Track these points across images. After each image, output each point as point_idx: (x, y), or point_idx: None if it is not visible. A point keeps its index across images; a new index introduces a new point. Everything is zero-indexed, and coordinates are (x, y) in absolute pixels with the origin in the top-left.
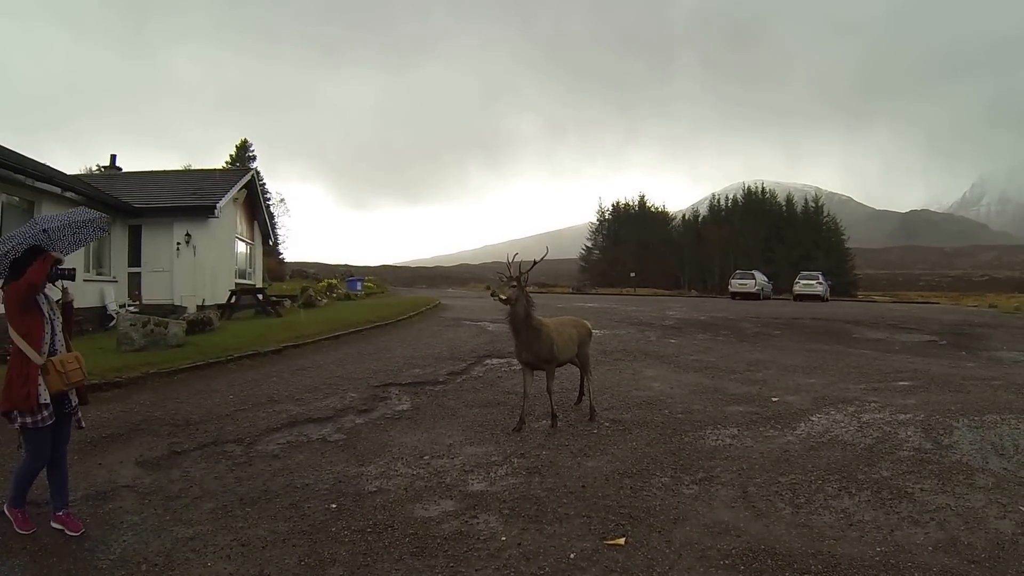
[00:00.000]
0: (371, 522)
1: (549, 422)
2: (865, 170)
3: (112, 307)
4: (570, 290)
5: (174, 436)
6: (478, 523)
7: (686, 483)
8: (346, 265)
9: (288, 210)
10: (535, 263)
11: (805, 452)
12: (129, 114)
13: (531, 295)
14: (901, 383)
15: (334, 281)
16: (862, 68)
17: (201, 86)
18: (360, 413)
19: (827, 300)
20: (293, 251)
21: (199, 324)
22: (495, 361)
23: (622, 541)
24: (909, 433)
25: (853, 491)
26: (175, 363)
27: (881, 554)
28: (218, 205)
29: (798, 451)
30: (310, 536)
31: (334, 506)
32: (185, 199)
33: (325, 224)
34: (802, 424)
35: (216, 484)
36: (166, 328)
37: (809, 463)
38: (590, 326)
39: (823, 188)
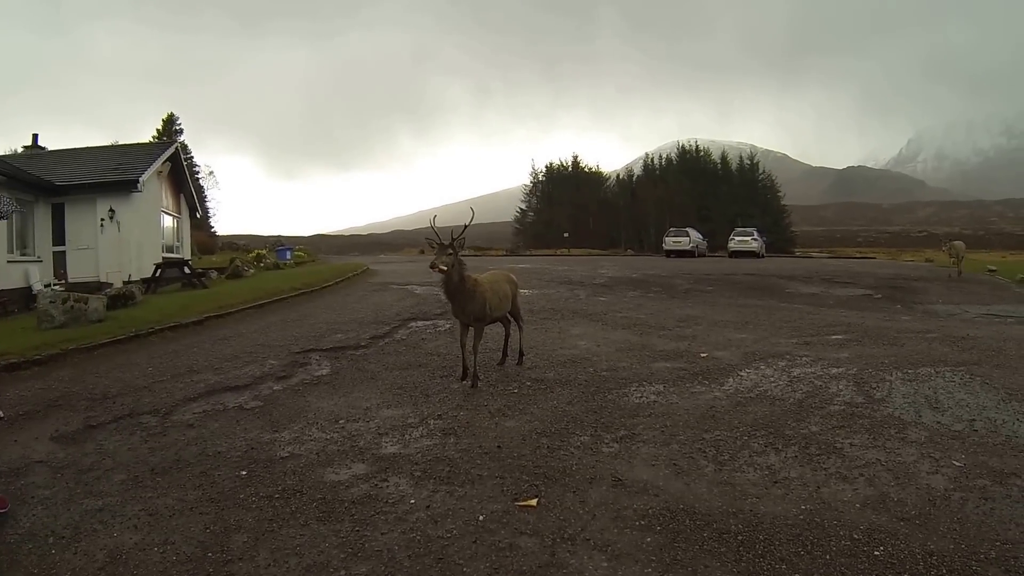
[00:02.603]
0: (280, 488)
1: (469, 382)
2: (800, 127)
3: (37, 287)
4: (503, 252)
5: (91, 410)
6: (388, 486)
7: (606, 441)
8: (278, 236)
9: (217, 183)
10: (465, 227)
11: (732, 408)
12: (52, 94)
13: (462, 259)
14: (834, 337)
15: (263, 251)
16: (791, 24)
17: (123, 61)
18: (279, 380)
19: (763, 256)
20: (225, 224)
21: (121, 299)
22: (420, 324)
23: (534, 502)
24: (841, 387)
25: (780, 447)
26: (95, 338)
27: (806, 512)
28: (141, 179)
29: (725, 407)
30: (218, 503)
31: (244, 473)
32: (107, 175)
33: (257, 196)
34: (730, 380)
35: (129, 456)
36: (86, 304)
37: (735, 419)
38: (516, 279)
39: (758, 146)
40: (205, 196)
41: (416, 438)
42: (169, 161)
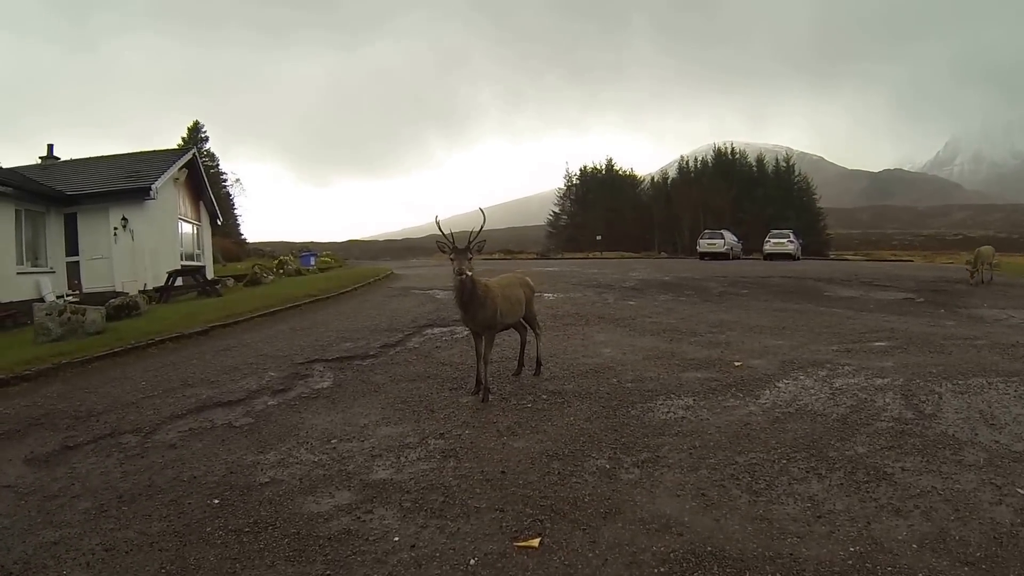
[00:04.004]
0: (252, 520)
1: (480, 396)
2: (834, 130)
3: (49, 298)
4: (535, 256)
5: (72, 429)
6: (372, 519)
7: (626, 466)
8: (311, 243)
9: (244, 190)
10: (479, 230)
11: (769, 425)
12: (78, 108)
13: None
14: (877, 344)
15: (288, 257)
16: (823, 27)
17: (148, 75)
18: (275, 394)
19: (798, 259)
20: (257, 231)
21: (124, 309)
22: (436, 331)
23: (536, 542)
24: (887, 400)
25: (823, 472)
26: (91, 351)
27: (855, 555)
28: (153, 187)
29: (761, 424)
30: (181, 538)
31: (217, 501)
32: (120, 183)
33: (288, 203)
34: (767, 392)
35: (99, 481)
36: (84, 316)
37: (773, 439)
38: (532, 283)
39: (794, 148)
40: (232, 204)
41: (412, 461)
42: (186, 168)
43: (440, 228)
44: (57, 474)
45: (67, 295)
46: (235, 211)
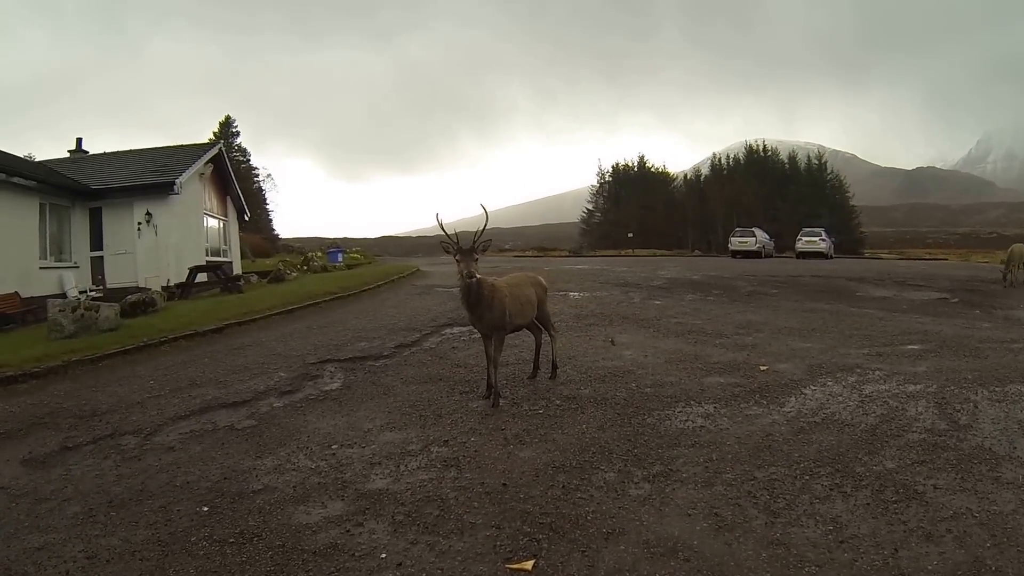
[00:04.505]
0: (238, 529)
1: (491, 400)
2: (867, 128)
3: (72, 293)
4: (566, 253)
5: (73, 429)
6: (361, 533)
7: (635, 480)
8: (344, 239)
9: (276, 185)
10: (483, 229)
11: (792, 436)
12: (112, 102)
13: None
14: (910, 347)
15: (318, 253)
16: (856, 21)
17: (182, 68)
18: (282, 395)
19: (831, 257)
20: (291, 227)
21: (140, 306)
22: (455, 330)
23: (529, 565)
24: (920, 409)
25: (848, 490)
26: (102, 348)
27: None
28: (177, 181)
29: (784, 435)
30: (164, 547)
31: (206, 509)
32: (145, 177)
33: (322, 199)
34: (792, 399)
35: (93, 484)
36: (97, 312)
37: (796, 451)
38: (545, 282)
39: (826, 146)
40: (264, 199)
41: (412, 470)
42: (212, 163)
43: (443, 228)
44: (52, 476)
45: (90, 290)
46: (267, 206)
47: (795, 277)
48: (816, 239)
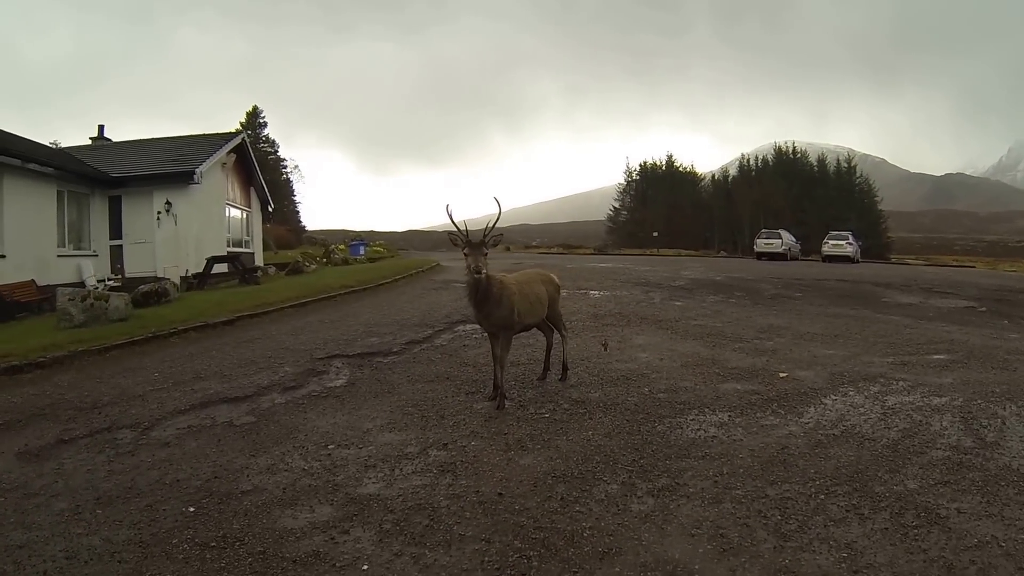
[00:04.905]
0: (221, 533)
1: (496, 402)
2: (897, 132)
3: (90, 281)
4: (591, 251)
5: (72, 421)
6: (345, 541)
7: (639, 494)
8: (370, 231)
9: (303, 177)
10: (495, 223)
11: (809, 450)
12: (139, 88)
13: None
14: (936, 357)
15: (340, 246)
16: (889, 24)
17: (210, 57)
18: (285, 391)
19: (858, 262)
20: (318, 219)
21: (153, 296)
22: (468, 327)
23: None
24: (945, 424)
25: (866, 513)
26: (110, 339)
27: None
28: (198, 171)
29: (800, 448)
30: (144, 549)
31: (192, 509)
32: (165, 166)
33: (350, 191)
34: (811, 409)
35: (83, 479)
36: (107, 302)
37: (812, 467)
38: (557, 280)
39: (856, 149)
40: (292, 191)
41: (406, 474)
42: (235, 152)
43: (452, 220)
44: (44, 470)
45: (108, 279)
46: (294, 198)
47: (820, 281)
48: (843, 243)
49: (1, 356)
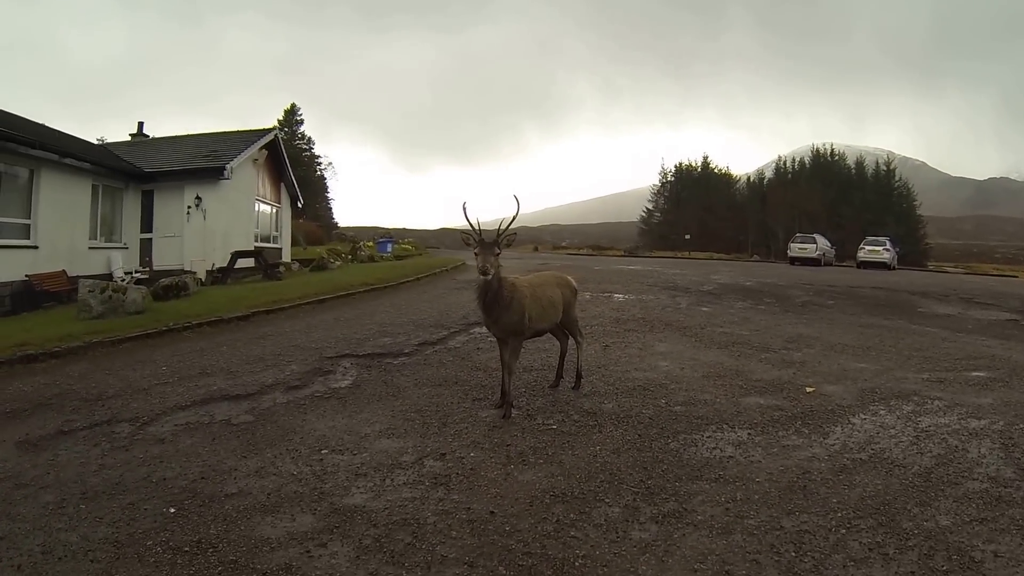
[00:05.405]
0: (197, 537)
1: (502, 411)
2: (938, 134)
3: (118, 273)
4: (622, 253)
5: (75, 413)
6: (321, 556)
7: (642, 520)
8: (403, 228)
9: (336, 173)
10: (512, 221)
11: (832, 476)
12: (184, 87)
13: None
14: (975, 374)
15: (368, 243)
16: (931, 25)
17: (253, 58)
18: (288, 390)
19: (894, 268)
20: (352, 215)
21: (173, 289)
22: (483, 330)
23: None
24: (983, 451)
25: (891, 552)
26: (125, 331)
27: None
28: (228, 166)
29: (823, 473)
30: (118, 549)
31: (173, 510)
32: (196, 161)
33: (385, 188)
34: (838, 428)
35: (75, 472)
36: (124, 295)
37: (834, 495)
38: (574, 283)
39: (895, 152)
40: (326, 187)
41: (396, 485)
42: (266, 149)
43: (467, 217)
44: (39, 460)
45: (136, 271)
46: (327, 194)
47: (854, 288)
48: (879, 249)
49: (19, 345)
